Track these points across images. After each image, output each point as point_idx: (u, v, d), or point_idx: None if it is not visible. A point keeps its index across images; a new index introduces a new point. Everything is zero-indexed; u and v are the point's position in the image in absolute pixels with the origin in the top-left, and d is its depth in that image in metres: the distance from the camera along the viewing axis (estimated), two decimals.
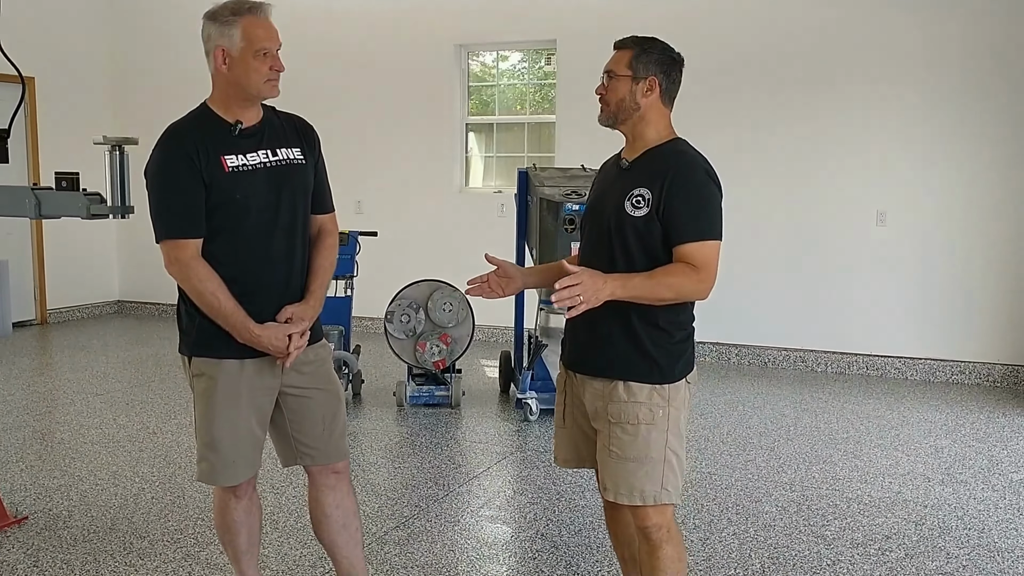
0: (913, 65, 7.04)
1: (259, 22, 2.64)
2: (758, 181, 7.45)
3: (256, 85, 2.65)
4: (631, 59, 2.61)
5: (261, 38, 2.63)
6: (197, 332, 2.74)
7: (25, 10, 8.50)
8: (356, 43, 8.70)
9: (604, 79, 2.65)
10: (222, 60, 2.64)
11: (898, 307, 7.23)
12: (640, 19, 7.39)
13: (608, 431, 2.61)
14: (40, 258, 9.12)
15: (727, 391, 6.69)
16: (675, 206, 2.50)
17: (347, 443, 2.99)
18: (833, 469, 4.95)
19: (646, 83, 2.60)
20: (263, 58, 2.63)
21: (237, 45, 2.62)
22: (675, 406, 2.61)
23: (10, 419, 5.73)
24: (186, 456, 4.99)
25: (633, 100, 2.61)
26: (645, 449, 2.57)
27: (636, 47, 2.62)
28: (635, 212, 2.54)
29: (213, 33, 2.65)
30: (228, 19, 2.62)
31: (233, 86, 2.67)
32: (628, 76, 2.60)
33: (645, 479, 2.58)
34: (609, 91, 2.63)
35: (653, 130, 2.64)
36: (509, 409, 6.14)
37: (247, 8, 2.64)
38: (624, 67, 2.61)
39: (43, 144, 8.97)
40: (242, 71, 2.63)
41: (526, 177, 6.15)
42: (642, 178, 2.57)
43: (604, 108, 2.66)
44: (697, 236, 2.50)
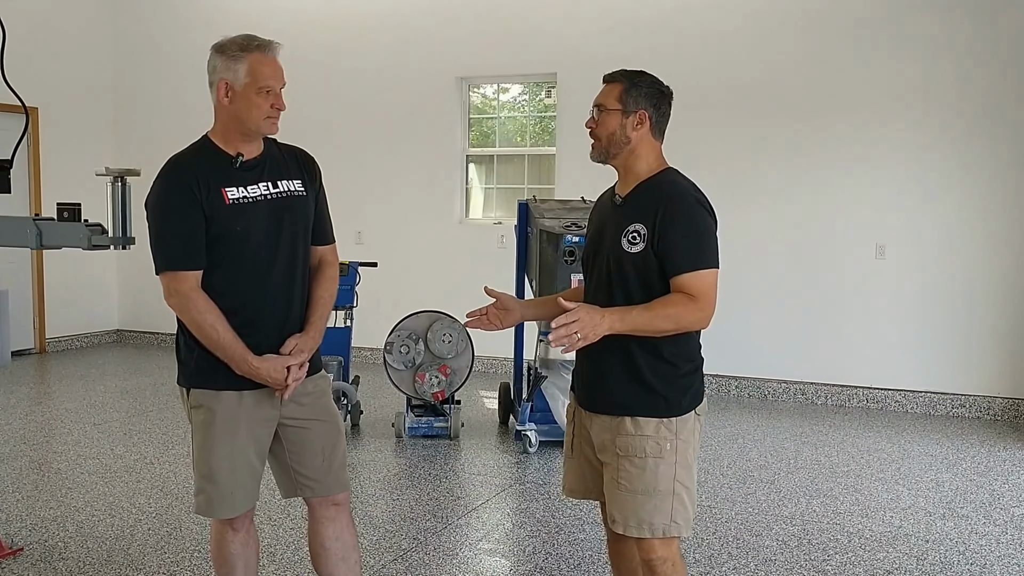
0: (913, 99, 7.08)
1: (265, 59, 2.66)
2: (758, 214, 7.47)
3: (256, 121, 2.67)
4: (621, 93, 2.61)
5: (266, 75, 2.65)
6: (196, 363, 2.73)
7: (29, 41, 8.57)
8: (358, 75, 8.76)
9: (594, 113, 2.66)
10: (224, 93, 2.66)
11: (898, 340, 7.22)
12: (639, 52, 7.46)
13: (616, 464, 2.60)
14: (40, 287, 9.12)
15: (727, 423, 6.66)
16: (669, 237, 2.50)
17: (348, 474, 2.98)
18: (834, 503, 4.92)
19: (636, 116, 2.61)
20: (265, 95, 2.65)
21: (241, 80, 2.64)
22: (683, 439, 2.60)
23: (7, 449, 5.71)
24: (183, 487, 4.96)
25: (623, 134, 2.61)
26: (653, 482, 2.56)
27: (626, 80, 2.63)
28: (632, 248, 2.54)
29: (219, 65, 2.67)
30: (236, 54, 2.65)
31: (234, 119, 2.68)
32: (618, 110, 2.61)
33: (654, 512, 2.57)
34: (599, 125, 2.64)
35: (644, 163, 2.64)
36: (508, 441, 6.11)
37: (255, 45, 2.66)
38: (614, 100, 2.61)
39: (45, 175, 9.01)
40: (243, 106, 2.65)
41: (526, 209, 6.17)
42: (636, 213, 2.57)
43: (595, 143, 2.66)
44: (692, 266, 2.50)
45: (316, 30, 8.70)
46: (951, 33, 6.96)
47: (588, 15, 7.97)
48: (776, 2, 7.43)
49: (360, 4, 8.73)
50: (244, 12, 8.90)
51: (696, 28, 7.62)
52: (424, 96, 8.60)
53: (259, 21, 8.18)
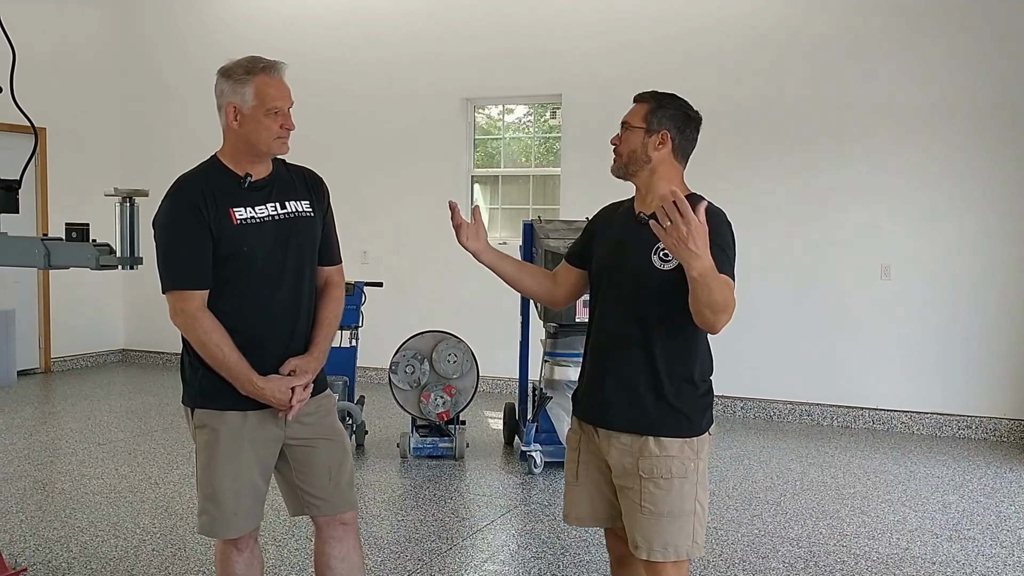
0: (917, 122, 7.10)
1: (271, 81, 2.68)
2: (763, 235, 7.47)
3: (266, 142, 2.68)
4: (647, 112, 2.64)
5: (273, 97, 2.67)
6: (200, 383, 2.74)
7: (39, 63, 8.63)
8: (364, 96, 8.80)
9: (620, 131, 2.69)
10: (233, 116, 2.67)
11: (904, 361, 7.20)
12: (644, 74, 7.49)
13: (639, 487, 2.58)
14: (46, 307, 9.14)
15: (732, 445, 6.64)
16: None
17: (355, 494, 2.97)
18: (840, 525, 4.89)
19: (658, 137, 2.63)
20: (274, 116, 2.67)
21: (249, 103, 2.66)
22: (702, 458, 2.62)
23: (11, 469, 5.70)
24: (188, 507, 4.95)
25: (644, 152, 2.63)
26: (679, 503, 2.56)
27: (653, 101, 2.66)
28: (664, 266, 2.54)
29: (226, 89, 2.69)
30: (241, 77, 2.66)
31: (243, 142, 2.70)
32: (642, 128, 2.64)
33: (679, 533, 2.57)
34: (622, 142, 2.67)
35: (665, 184, 2.61)
36: (513, 462, 6.10)
37: (260, 67, 2.68)
38: (639, 119, 2.65)
39: (54, 195, 9.05)
40: (253, 128, 2.67)
41: (531, 229, 6.18)
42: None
43: (616, 158, 2.69)
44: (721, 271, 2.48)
45: (321, 52, 8.75)
46: (955, 55, 6.98)
47: (593, 36, 8.01)
48: (781, 25, 7.46)
49: (365, 26, 8.78)
50: (249, 35, 8.96)
51: (701, 51, 7.65)
52: (429, 117, 8.64)
53: (265, 43, 8.24)
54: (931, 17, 7.04)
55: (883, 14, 7.16)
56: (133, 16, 9.83)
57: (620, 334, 2.64)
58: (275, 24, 9.01)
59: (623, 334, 2.63)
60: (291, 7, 9.04)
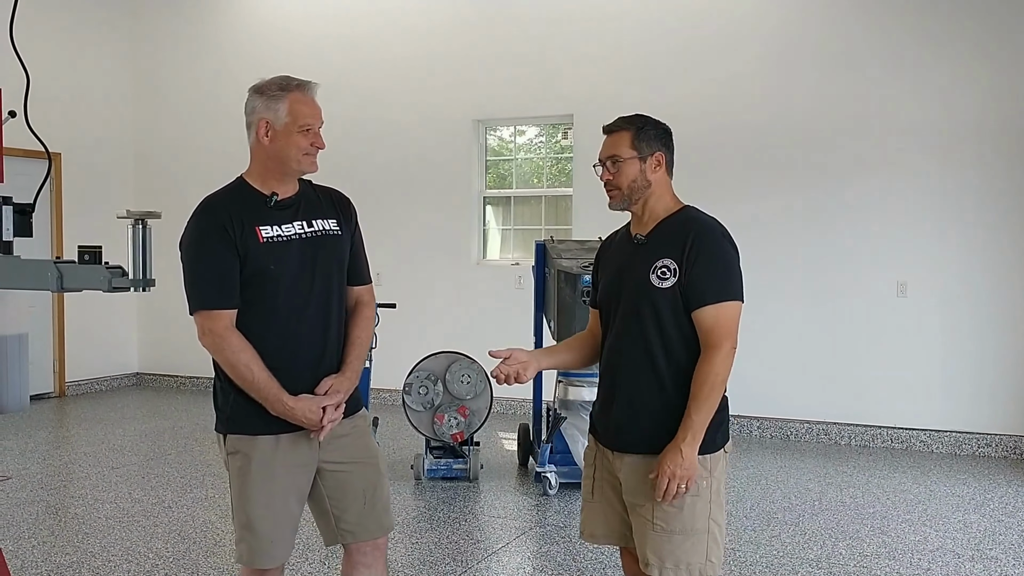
0: (932, 137, 7.07)
1: (305, 99, 2.70)
2: (778, 254, 7.44)
3: (295, 158, 2.68)
4: (632, 139, 2.63)
5: (306, 114, 2.68)
6: (231, 409, 2.71)
7: (52, 89, 8.70)
8: (376, 118, 8.83)
9: (607, 165, 2.66)
10: (264, 132, 2.68)
11: (922, 379, 7.13)
12: (655, 94, 7.50)
13: (651, 504, 2.57)
14: (60, 330, 9.17)
15: (749, 464, 6.58)
16: (697, 271, 2.53)
17: (392, 516, 2.92)
18: (860, 545, 4.83)
19: (654, 159, 2.64)
20: (305, 134, 2.68)
21: (282, 119, 2.66)
22: (716, 476, 2.60)
23: (24, 494, 5.70)
24: (201, 532, 4.93)
25: (644, 179, 2.64)
26: (691, 521, 2.55)
27: (632, 127, 2.65)
28: (662, 284, 2.55)
29: (259, 106, 2.69)
30: (275, 94, 2.67)
31: (272, 159, 2.70)
32: (635, 157, 2.63)
33: (691, 551, 2.54)
34: (617, 176, 2.64)
35: (662, 203, 2.67)
36: (528, 483, 6.05)
37: (295, 85, 2.70)
38: (628, 148, 2.63)
39: (67, 219, 9.10)
40: (283, 144, 2.67)
41: (543, 249, 6.17)
42: (662, 249, 2.58)
43: (615, 193, 2.67)
44: (717, 298, 2.53)
45: (333, 75, 8.79)
46: (972, 72, 6.96)
47: (604, 57, 8.03)
48: (792, 43, 7.46)
49: (376, 49, 8.82)
50: (262, 60, 9.00)
51: (711, 70, 7.65)
52: (441, 139, 8.66)
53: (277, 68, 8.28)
54: (946, 34, 7.02)
55: (899, 31, 7.15)
56: (146, 42, 9.91)
57: (626, 354, 2.65)
58: (287, 49, 9.06)
59: (629, 354, 2.64)
60: (302, 32, 9.10)
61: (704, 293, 2.52)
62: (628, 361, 2.64)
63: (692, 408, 2.51)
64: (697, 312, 2.53)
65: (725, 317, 2.53)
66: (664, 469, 2.48)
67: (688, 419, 2.51)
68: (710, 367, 2.51)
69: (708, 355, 2.52)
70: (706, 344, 2.53)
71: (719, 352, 2.51)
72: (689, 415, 2.51)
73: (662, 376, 2.57)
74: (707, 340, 2.53)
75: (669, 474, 2.48)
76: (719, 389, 2.53)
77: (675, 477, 2.47)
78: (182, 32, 9.74)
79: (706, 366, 2.52)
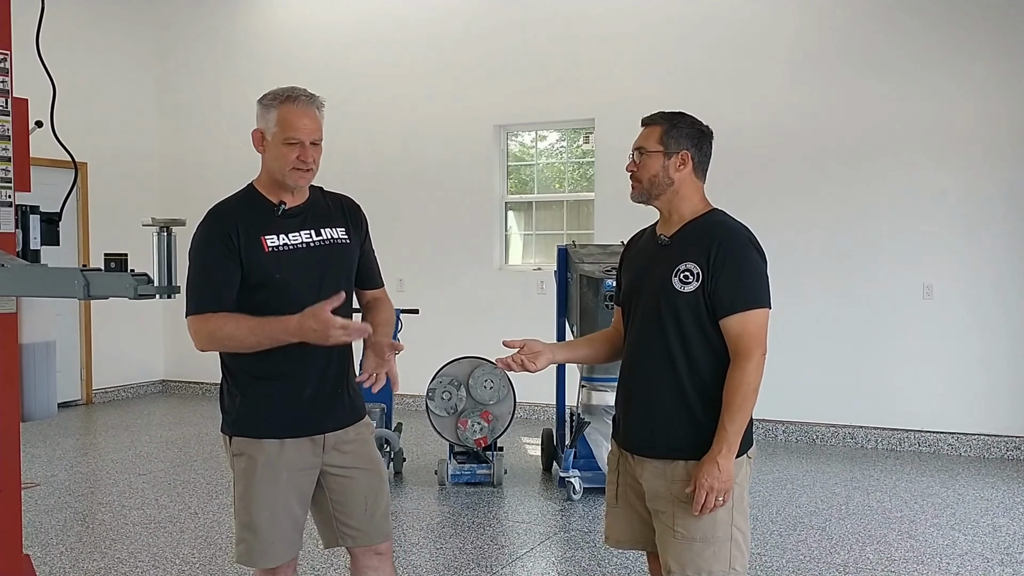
0: (958, 138, 7.01)
1: (295, 111, 2.66)
2: (803, 256, 7.39)
3: (281, 171, 2.69)
4: (662, 134, 2.61)
5: (293, 127, 2.65)
6: (238, 411, 2.74)
7: (78, 99, 8.78)
8: (398, 124, 8.86)
9: (634, 156, 2.66)
10: (260, 142, 2.71)
11: (949, 381, 7.06)
12: (677, 97, 7.46)
13: (672, 511, 2.56)
14: (87, 339, 9.26)
15: (774, 469, 6.54)
16: (722, 278, 2.50)
17: (391, 523, 2.95)
18: (888, 549, 4.79)
19: (678, 157, 2.61)
20: (291, 146, 2.66)
21: (271, 129, 2.68)
22: (738, 483, 2.56)
23: (52, 500, 5.75)
24: (227, 537, 4.96)
25: (666, 175, 2.61)
26: (712, 528, 2.52)
27: (665, 122, 2.63)
28: (684, 288, 2.53)
29: (258, 115, 2.73)
30: (268, 103, 2.69)
31: (266, 169, 2.73)
32: (660, 152, 2.61)
33: (712, 559, 2.52)
34: (641, 168, 2.63)
35: (688, 204, 2.64)
36: (552, 488, 6.04)
37: (287, 96, 2.69)
38: (655, 143, 2.61)
39: (93, 227, 9.19)
40: (272, 155, 2.69)
41: (565, 254, 6.16)
42: (686, 252, 2.56)
43: (636, 185, 2.66)
44: (745, 306, 2.50)
45: (354, 82, 8.83)
46: (999, 72, 6.90)
47: (625, 61, 8.02)
48: (818, 46, 7.42)
49: (396, 55, 8.85)
50: (285, 66, 9.05)
51: (734, 72, 7.63)
52: (462, 145, 8.68)
53: (299, 75, 8.33)
54: (974, 33, 6.96)
55: (924, 32, 7.10)
56: (170, 54, 10.00)
57: (645, 356, 2.64)
58: (310, 59, 9.11)
59: (648, 356, 2.63)
60: (325, 41, 9.15)
61: (731, 301, 2.50)
62: (647, 363, 2.63)
63: (726, 419, 2.48)
64: (725, 320, 2.51)
65: (754, 325, 2.50)
66: (702, 482, 2.47)
67: (722, 430, 2.48)
68: (742, 376, 2.48)
69: (739, 364, 2.50)
70: (736, 353, 2.51)
71: (750, 361, 2.49)
72: (723, 426, 2.48)
73: (681, 379, 2.55)
74: (737, 349, 2.51)
75: (707, 487, 2.46)
76: (752, 398, 2.51)
77: (712, 490, 2.46)
78: (206, 43, 9.82)
79: (737, 375, 2.49)
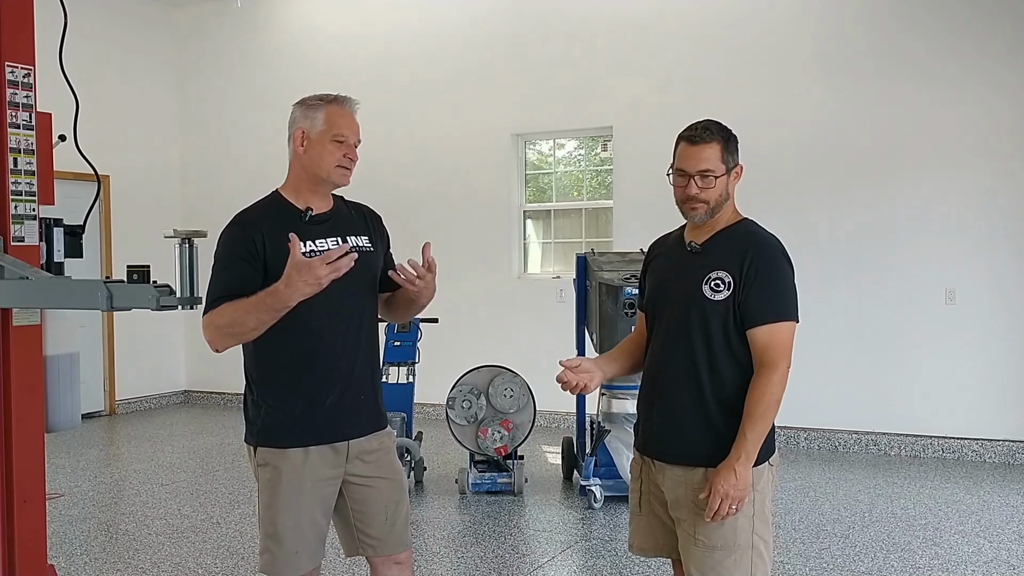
0: (979, 142, 6.97)
1: (342, 112, 2.76)
2: (825, 262, 7.35)
3: (327, 168, 2.73)
4: (722, 152, 2.56)
5: (341, 125, 2.73)
6: (262, 421, 2.75)
7: (101, 113, 8.87)
8: (416, 133, 8.90)
9: (695, 180, 2.54)
10: (300, 141, 2.73)
11: (973, 387, 7.00)
12: (694, 105, 7.46)
13: (692, 519, 2.55)
14: (110, 350, 9.33)
15: (797, 476, 6.50)
16: (754, 288, 2.49)
17: (410, 533, 2.95)
18: (912, 557, 4.74)
19: (735, 172, 2.61)
20: (339, 144, 2.72)
21: (318, 128, 2.72)
22: (760, 490, 2.55)
23: (76, 511, 5.79)
24: (250, 547, 4.98)
25: (726, 191, 2.60)
26: (732, 536, 2.51)
27: (721, 139, 2.57)
28: (715, 296, 2.52)
29: (298, 116, 2.76)
30: (314, 103, 2.75)
31: (306, 169, 2.75)
32: (724, 172, 2.56)
33: (734, 568, 2.51)
34: (708, 191, 2.55)
35: (725, 214, 2.64)
36: (573, 496, 6.03)
37: (333, 97, 2.77)
38: (718, 162, 2.55)
39: (116, 239, 9.27)
40: (317, 153, 2.72)
41: (584, 262, 6.16)
42: (718, 261, 2.55)
43: (700, 207, 2.57)
44: (775, 318, 2.50)
45: (373, 93, 8.86)
46: (1019, 74, 6.85)
47: (642, 69, 8.01)
48: (839, 52, 7.39)
49: (416, 64, 8.89)
50: (304, 78, 9.10)
51: (753, 79, 7.61)
52: (481, 154, 8.70)
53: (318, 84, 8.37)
54: (1000, 36, 6.92)
55: (946, 37, 7.06)
56: (191, 68, 10.09)
57: (669, 362, 2.63)
58: (328, 69, 9.16)
59: (672, 362, 2.62)
60: (343, 51, 9.20)
61: (762, 312, 2.49)
62: (670, 369, 2.62)
63: (747, 427, 2.47)
64: (753, 331, 2.50)
65: (781, 337, 2.50)
66: (717, 488, 2.45)
67: (742, 438, 2.47)
68: (766, 386, 2.48)
69: (763, 374, 2.49)
70: (761, 363, 2.50)
71: (775, 372, 2.48)
72: (743, 434, 2.47)
73: (703, 387, 2.55)
74: (762, 359, 2.50)
75: (722, 494, 2.44)
76: (774, 408, 2.50)
77: (727, 497, 2.44)
78: (227, 58, 9.90)
79: (761, 385, 2.48)
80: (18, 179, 3.02)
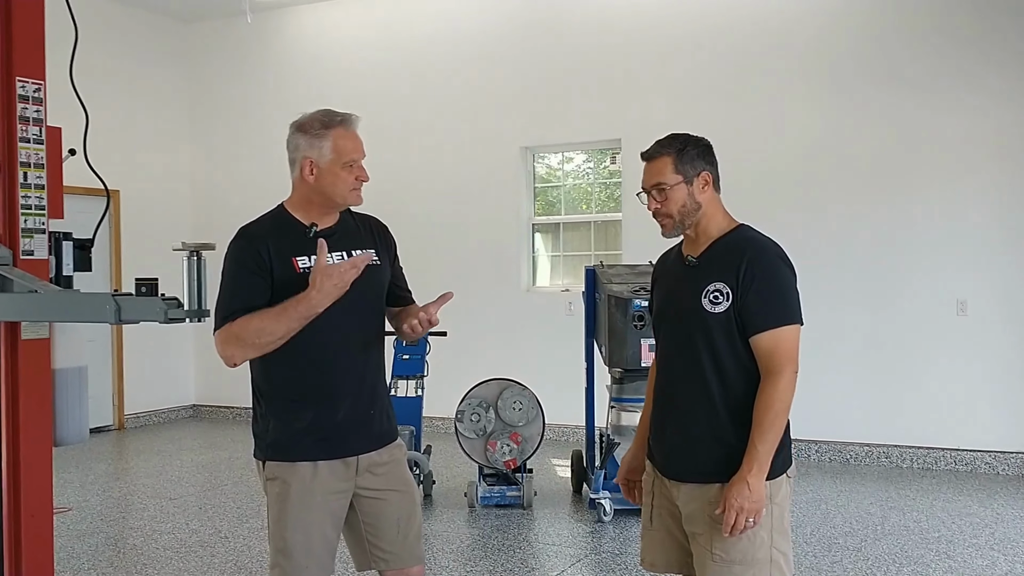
0: (990, 152, 6.94)
1: (348, 135, 2.72)
2: (836, 273, 7.33)
3: (342, 194, 2.72)
4: (675, 163, 2.56)
5: (349, 150, 2.71)
6: (271, 436, 2.74)
7: (111, 128, 8.92)
8: (425, 146, 8.92)
9: (653, 194, 2.60)
10: (309, 171, 2.71)
11: (985, 399, 6.96)
12: (703, 117, 7.46)
13: (709, 534, 2.51)
14: (119, 365, 9.35)
15: (808, 489, 6.45)
16: (752, 294, 2.47)
17: (423, 547, 2.93)
18: (925, 570, 4.70)
19: (700, 180, 2.58)
20: (350, 169, 2.71)
21: (326, 157, 2.69)
22: (777, 503, 2.52)
23: (84, 526, 5.79)
24: (257, 562, 4.96)
25: (693, 201, 2.58)
26: (750, 550, 2.47)
27: (672, 150, 2.58)
28: (715, 308, 2.50)
29: (302, 144, 2.72)
30: (319, 132, 2.70)
31: (317, 194, 2.73)
32: (680, 182, 2.56)
33: None
34: (666, 204, 2.58)
35: (714, 222, 2.61)
36: (582, 509, 6.00)
37: (337, 121, 2.72)
38: (672, 174, 2.56)
39: (125, 253, 9.30)
40: (329, 181, 2.70)
41: (594, 275, 6.15)
42: (715, 272, 2.53)
43: (666, 221, 2.60)
44: (776, 323, 2.47)
45: (382, 105, 8.90)
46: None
47: (651, 81, 8.02)
48: (847, 63, 7.38)
49: (425, 77, 8.92)
50: (313, 91, 9.14)
51: (761, 91, 7.61)
52: (489, 167, 8.71)
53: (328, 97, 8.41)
54: (1005, 46, 6.91)
55: (953, 46, 7.05)
56: (200, 83, 10.13)
57: (678, 380, 2.61)
58: (337, 82, 9.19)
59: (681, 379, 2.60)
60: (352, 65, 9.24)
61: (762, 318, 2.46)
62: (679, 385, 2.60)
63: (756, 437, 2.43)
64: (755, 338, 2.47)
65: (785, 342, 2.46)
66: (731, 503, 2.41)
67: (753, 449, 2.43)
68: (773, 393, 2.44)
69: (770, 381, 2.45)
70: (767, 370, 2.47)
71: (781, 378, 2.45)
72: (754, 445, 2.44)
73: (715, 403, 2.52)
74: (768, 366, 2.47)
75: (736, 508, 2.40)
76: (783, 416, 2.46)
77: (742, 511, 2.40)
78: (236, 72, 9.94)
79: (768, 393, 2.45)
80: (28, 193, 3.04)
